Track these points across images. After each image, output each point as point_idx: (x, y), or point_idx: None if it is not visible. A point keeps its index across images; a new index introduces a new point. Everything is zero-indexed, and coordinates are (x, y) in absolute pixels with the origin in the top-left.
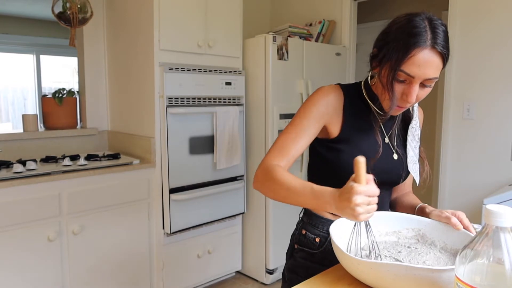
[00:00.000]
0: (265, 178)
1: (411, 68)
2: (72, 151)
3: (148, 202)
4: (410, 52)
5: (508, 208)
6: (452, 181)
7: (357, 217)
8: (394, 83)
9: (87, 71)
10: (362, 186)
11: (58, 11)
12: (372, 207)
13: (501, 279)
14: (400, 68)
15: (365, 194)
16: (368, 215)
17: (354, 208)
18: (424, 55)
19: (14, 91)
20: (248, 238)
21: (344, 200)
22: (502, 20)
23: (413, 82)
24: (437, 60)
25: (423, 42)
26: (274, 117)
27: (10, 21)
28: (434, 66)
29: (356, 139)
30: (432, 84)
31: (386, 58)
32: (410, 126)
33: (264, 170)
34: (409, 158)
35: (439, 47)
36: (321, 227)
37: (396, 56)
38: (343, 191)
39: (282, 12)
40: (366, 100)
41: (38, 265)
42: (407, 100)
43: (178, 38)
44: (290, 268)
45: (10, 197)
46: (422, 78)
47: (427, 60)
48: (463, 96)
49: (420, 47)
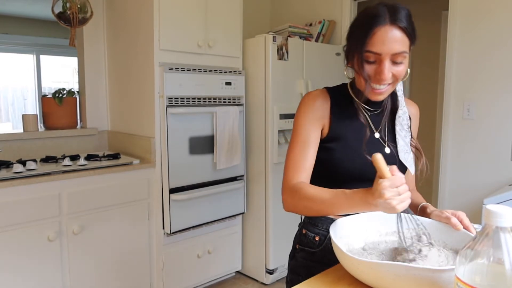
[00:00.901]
0: (294, 200)
1: (376, 46)
2: (72, 151)
3: (148, 202)
4: (371, 32)
5: (508, 208)
6: (452, 181)
7: (394, 209)
8: (364, 66)
9: (87, 71)
10: (386, 180)
11: (58, 11)
12: (405, 196)
13: (501, 279)
14: (365, 49)
15: (392, 187)
16: (404, 204)
17: (388, 202)
18: (385, 31)
19: (14, 91)
20: (248, 238)
21: (376, 197)
22: (502, 20)
23: (382, 60)
24: (400, 34)
25: (382, 20)
26: (274, 117)
27: (10, 21)
28: (397, 40)
29: (345, 136)
30: (404, 60)
31: (353, 45)
32: (397, 115)
33: (290, 192)
34: (400, 147)
35: (399, 23)
36: (321, 225)
37: (360, 39)
38: (373, 190)
39: (282, 12)
40: (353, 97)
41: (38, 265)
42: (381, 78)
43: (178, 38)
44: (292, 269)
45: (10, 197)
46: (389, 54)
47: (389, 36)
48: (463, 96)
49: (380, 25)
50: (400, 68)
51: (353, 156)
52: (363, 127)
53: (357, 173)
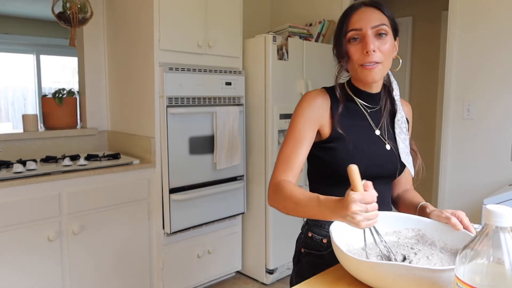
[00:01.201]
0: (275, 196)
1: (355, 23)
2: (72, 151)
3: (148, 202)
4: (348, 17)
5: (508, 208)
6: (452, 181)
7: (358, 224)
8: (349, 48)
9: (87, 71)
10: (357, 193)
11: (58, 11)
12: (372, 214)
13: (501, 279)
14: (347, 31)
15: (361, 202)
16: (369, 222)
17: (352, 216)
18: (361, 11)
19: (14, 91)
20: (248, 238)
21: (343, 209)
22: (502, 20)
23: (364, 35)
24: (374, 10)
25: (356, 7)
26: (274, 117)
27: (10, 21)
28: (373, 15)
29: (347, 135)
30: (386, 34)
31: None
32: (395, 119)
33: (273, 187)
34: (401, 150)
35: (373, 4)
36: (328, 227)
37: (342, 28)
38: (341, 200)
39: (282, 12)
40: (351, 96)
41: (38, 265)
42: (368, 48)
43: (178, 38)
44: (298, 273)
45: (10, 197)
46: (369, 27)
47: (364, 13)
48: (463, 96)
49: (353, 11)
50: (385, 45)
51: (356, 155)
52: (363, 125)
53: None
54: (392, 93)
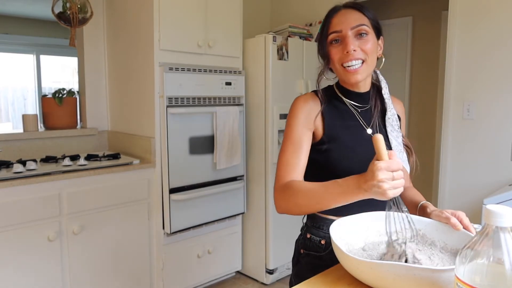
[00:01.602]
0: (285, 197)
1: (335, 26)
2: (72, 151)
3: (148, 202)
4: (329, 20)
5: (508, 208)
6: (452, 181)
7: (384, 193)
8: (331, 50)
9: (87, 71)
10: (383, 162)
11: (58, 11)
12: (398, 182)
13: (501, 279)
14: (328, 33)
15: (387, 169)
16: (395, 191)
17: (379, 185)
18: (340, 14)
19: (14, 91)
20: (248, 238)
21: (369, 180)
22: (502, 20)
23: (345, 36)
24: (354, 12)
25: (336, 9)
26: (274, 117)
27: (10, 21)
28: (353, 16)
29: (340, 136)
30: (366, 34)
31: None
32: (386, 117)
33: (280, 191)
34: (394, 147)
35: (352, 5)
36: (326, 228)
37: (323, 31)
38: (367, 172)
39: (282, 12)
40: (341, 97)
41: (38, 265)
42: (348, 49)
43: (178, 38)
44: (298, 274)
45: (10, 197)
46: (348, 27)
47: (344, 15)
48: (463, 96)
49: (334, 12)
50: (367, 44)
51: (350, 155)
52: (355, 125)
53: (356, 172)
54: (381, 92)
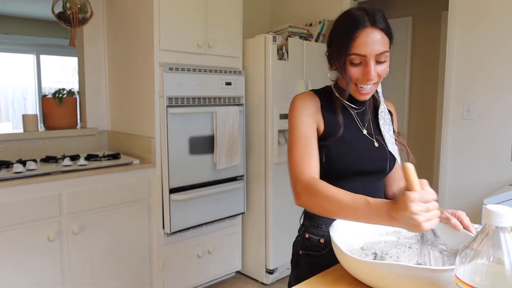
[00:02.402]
0: (310, 194)
1: (361, 48)
2: (72, 151)
3: (148, 202)
4: (354, 36)
5: (508, 208)
6: (452, 181)
7: (419, 226)
8: (349, 68)
9: (87, 71)
10: (416, 192)
11: (58, 11)
12: (433, 214)
13: (501, 279)
14: (350, 52)
15: (421, 201)
16: (431, 223)
17: (413, 218)
18: (367, 33)
19: (14, 91)
20: (248, 238)
21: (401, 211)
22: (502, 20)
23: (367, 61)
24: (381, 35)
25: (363, 24)
26: (274, 117)
27: (10, 21)
28: (380, 41)
29: (339, 132)
30: (386, 59)
31: (337, 50)
32: (379, 111)
33: (305, 185)
34: (387, 139)
35: (379, 25)
36: (325, 227)
37: (344, 43)
38: (398, 202)
39: (282, 12)
40: (338, 97)
41: (38, 265)
42: (368, 78)
43: (178, 38)
44: (298, 276)
45: (10, 197)
46: (373, 55)
47: (372, 37)
48: (463, 96)
49: (361, 28)
50: (383, 67)
51: (350, 151)
52: (352, 124)
53: (356, 168)
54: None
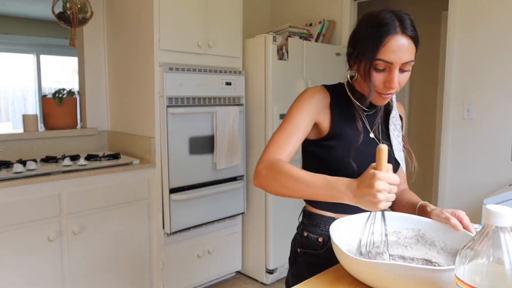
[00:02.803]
0: (270, 172)
1: (388, 55)
2: (72, 151)
3: (148, 202)
4: (383, 41)
5: (508, 208)
6: (452, 181)
7: (377, 204)
8: (373, 73)
9: (87, 71)
10: (384, 173)
11: (58, 11)
12: (392, 196)
13: (501, 279)
14: (377, 58)
15: (387, 181)
16: (387, 204)
17: (375, 194)
18: (396, 40)
19: (14, 91)
20: (248, 238)
21: (364, 187)
22: (502, 20)
23: (392, 69)
24: (410, 43)
25: (393, 29)
26: (274, 117)
27: (10, 21)
28: (408, 49)
29: (346, 134)
30: (409, 68)
31: (362, 52)
32: (390, 116)
33: (267, 164)
34: (394, 146)
35: (409, 32)
36: (323, 225)
37: (372, 47)
38: (362, 178)
39: (282, 12)
40: (350, 97)
41: (38, 265)
42: (390, 86)
43: (178, 38)
44: (295, 274)
45: (10, 197)
46: (400, 63)
47: (400, 45)
48: (463, 96)
49: (391, 34)
50: (405, 76)
51: (353, 154)
52: (360, 126)
53: (358, 171)
54: None
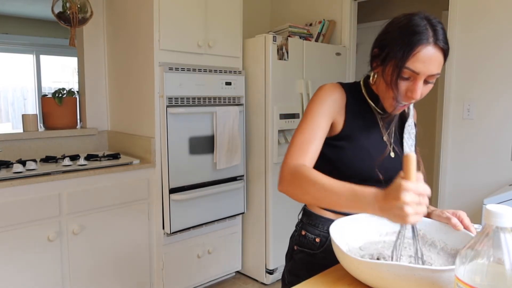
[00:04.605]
0: (294, 178)
1: (416, 65)
2: (72, 151)
3: (148, 202)
4: (414, 49)
5: (508, 208)
6: (452, 181)
7: (405, 218)
8: (398, 81)
9: (87, 71)
10: (412, 183)
11: (58, 11)
12: (422, 208)
13: (501, 279)
14: (405, 66)
15: (415, 192)
16: (417, 217)
17: (402, 208)
18: (428, 51)
19: (14, 91)
20: (248, 238)
21: (391, 199)
22: (502, 20)
23: (417, 79)
24: (440, 56)
25: (426, 39)
26: (274, 117)
27: (10, 21)
28: (437, 62)
29: (357, 136)
30: (434, 80)
31: (389, 56)
32: (406, 124)
33: (291, 170)
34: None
35: (441, 44)
36: (321, 226)
37: (401, 54)
38: (389, 189)
39: (282, 12)
40: (366, 98)
41: (38, 265)
42: (412, 96)
43: (178, 38)
44: (291, 271)
45: (10, 197)
46: (426, 74)
47: (430, 56)
48: (463, 96)
49: (423, 44)
50: (428, 88)
51: (363, 156)
52: (373, 129)
53: (367, 174)
54: None
